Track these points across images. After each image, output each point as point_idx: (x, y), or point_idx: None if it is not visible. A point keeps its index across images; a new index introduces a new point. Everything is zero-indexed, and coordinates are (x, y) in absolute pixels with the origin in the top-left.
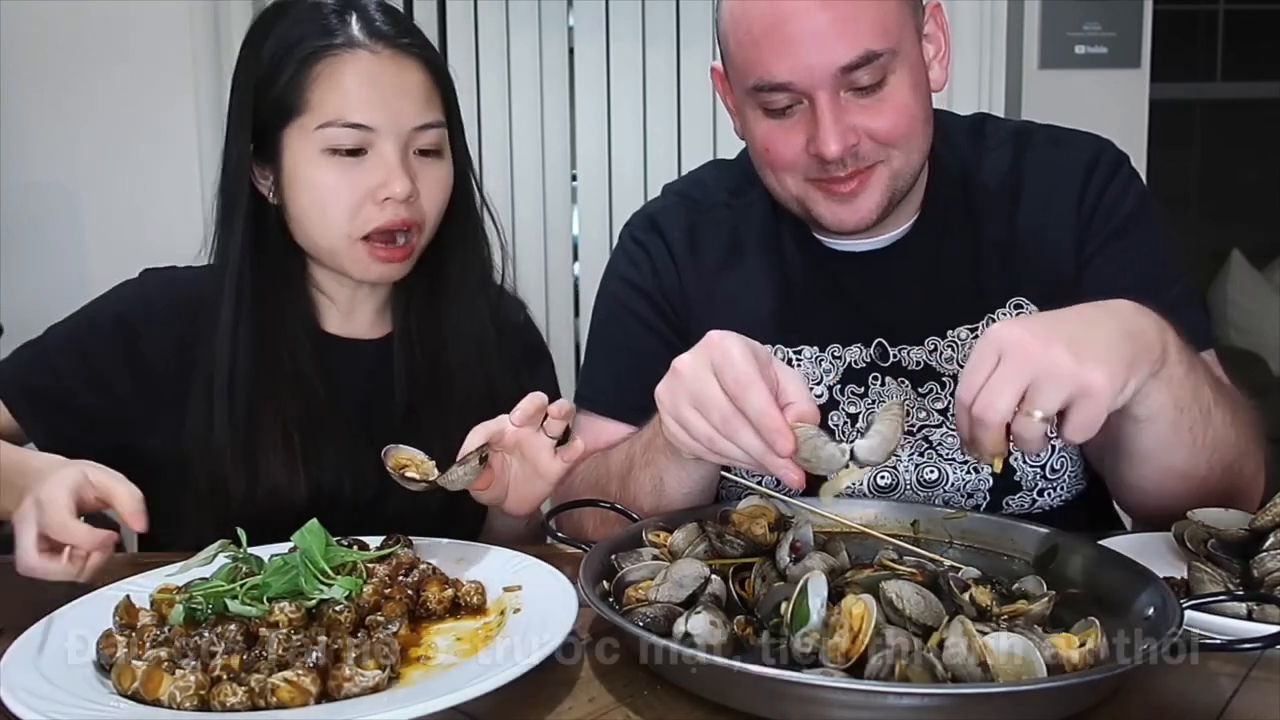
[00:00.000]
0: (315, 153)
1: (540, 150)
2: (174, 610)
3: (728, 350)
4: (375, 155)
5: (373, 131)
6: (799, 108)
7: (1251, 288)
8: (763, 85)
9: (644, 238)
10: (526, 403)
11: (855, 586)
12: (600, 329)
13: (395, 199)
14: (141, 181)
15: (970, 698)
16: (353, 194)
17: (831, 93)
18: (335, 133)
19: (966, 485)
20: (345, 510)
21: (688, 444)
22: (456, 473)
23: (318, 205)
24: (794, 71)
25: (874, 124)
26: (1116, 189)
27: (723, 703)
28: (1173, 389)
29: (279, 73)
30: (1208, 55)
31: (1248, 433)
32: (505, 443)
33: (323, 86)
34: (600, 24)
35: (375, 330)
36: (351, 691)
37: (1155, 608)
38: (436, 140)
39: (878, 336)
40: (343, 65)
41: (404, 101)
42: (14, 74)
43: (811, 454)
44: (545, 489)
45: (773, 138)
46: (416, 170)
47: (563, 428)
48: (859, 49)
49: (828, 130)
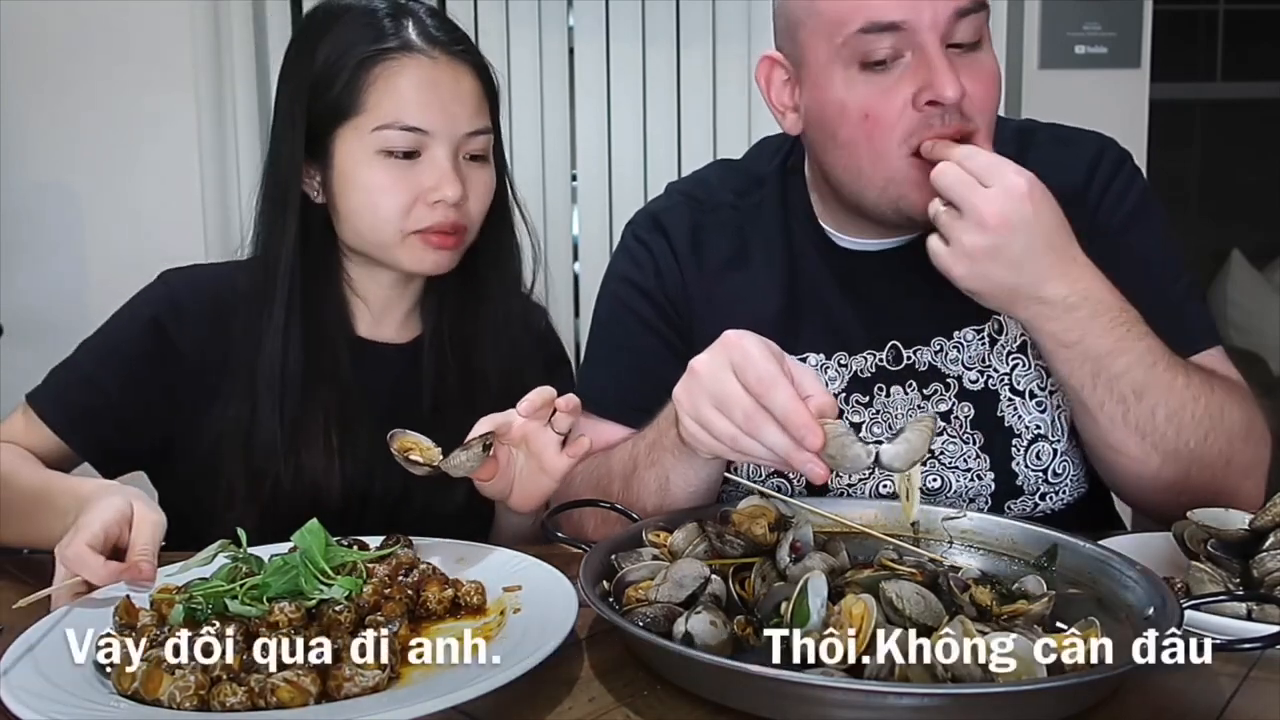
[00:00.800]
0: (370, 154)
1: (540, 150)
2: (174, 610)
3: (747, 349)
4: (428, 158)
5: (428, 135)
6: (899, 63)
7: (1251, 288)
8: (871, 26)
9: (647, 237)
10: (535, 395)
11: (855, 586)
12: (601, 329)
13: (446, 202)
14: (141, 181)
15: (970, 698)
16: (405, 195)
17: (941, 40)
18: (391, 135)
19: (969, 492)
20: (374, 507)
21: (709, 444)
22: (459, 457)
23: (370, 205)
24: (906, 9)
25: (973, 85)
26: (1119, 187)
27: (723, 703)
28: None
29: (335, 75)
30: (1208, 55)
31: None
32: (512, 436)
33: (380, 90)
34: (600, 24)
35: (403, 335)
36: (351, 691)
37: (1155, 608)
38: (485, 146)
39: (892, 338)
40: (400, 69)
41: (458, 107)
42: (14, 74)
43: (838, 451)
44: (550, 485)
45: (873, 101)
46: (466, 174)
47: (570, 423)
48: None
49: (944, 73)
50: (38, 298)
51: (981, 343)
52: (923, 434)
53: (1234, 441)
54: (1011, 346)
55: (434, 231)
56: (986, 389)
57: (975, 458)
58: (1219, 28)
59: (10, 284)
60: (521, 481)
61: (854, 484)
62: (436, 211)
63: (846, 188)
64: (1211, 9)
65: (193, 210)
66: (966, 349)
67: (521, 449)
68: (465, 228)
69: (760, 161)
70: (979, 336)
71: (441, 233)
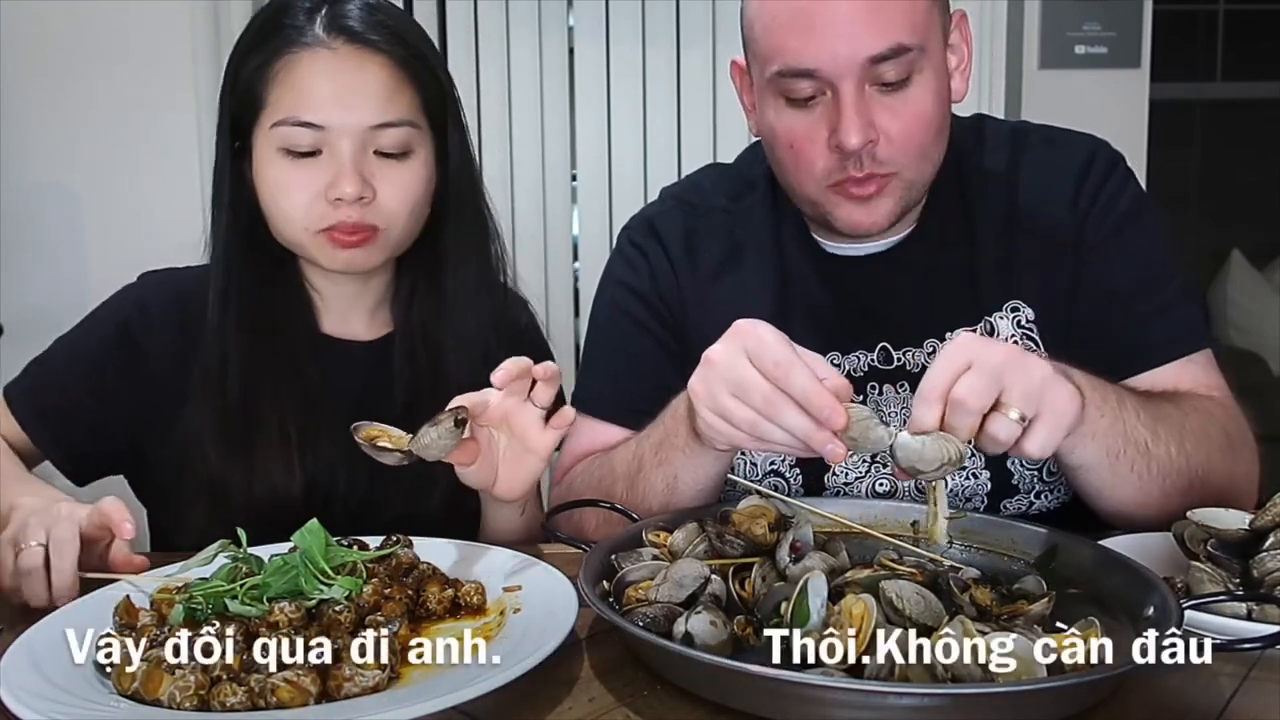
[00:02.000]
0: (273, 151)
1: (540, 150)
2: (174, 610)
3: (761, 335)
4: (329, 155)
5: (325, 130)
6: (822, 99)
7: (1251, 288)
8: (786, 71)
9: (641, 242)
10: (509, 364)
11: (855, 586)
12: (597, 333)
13: (346, 200)
14: (141, 181)
15: (970, 698)
16: (304, 193)
17: (857, 84)
18: (288, 131)
19: (965, 491)
20: (340, 508)
21: (728, 433)
22: (429, 435)
23: (274, 204)
24: (819, 58)
25: (893, 126)
26: (1112, 189)
27: (723, 703)
28: (1100, 440)
29: (245, 73)
30: (1208, 55)
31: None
32: (490, 416)
33: (279, 85)
34: (600, 24)
35: (371, 332)
36: (351, 691)
37: (1155, 608)
38: (400, 140)
39: (882, 340)
40: (297, 62)
41: (360, 99)
42: (14, 74)
43: (861, 434)
44: (537, 465)
45: (796, 133)
46: (375, 171)
47: (552, 394)
48: (889, 40)
49: (849, 120)
50: (38, 298)
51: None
52: (941, 449)
53: (1226, 455)
54: None
55: (338, 230)
56: None
57: (971, 457)
58: (1219, 28)
59: (10, 284)
60: (506, 465)
61: (850, 481)
62: (340, 210)
63: (787, 193)
64: (1211, 9)
65: (193, 210)
66: None
67: (503, 430)
68: (376, 226)
69: (752, 165)
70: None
71: (345, 232)
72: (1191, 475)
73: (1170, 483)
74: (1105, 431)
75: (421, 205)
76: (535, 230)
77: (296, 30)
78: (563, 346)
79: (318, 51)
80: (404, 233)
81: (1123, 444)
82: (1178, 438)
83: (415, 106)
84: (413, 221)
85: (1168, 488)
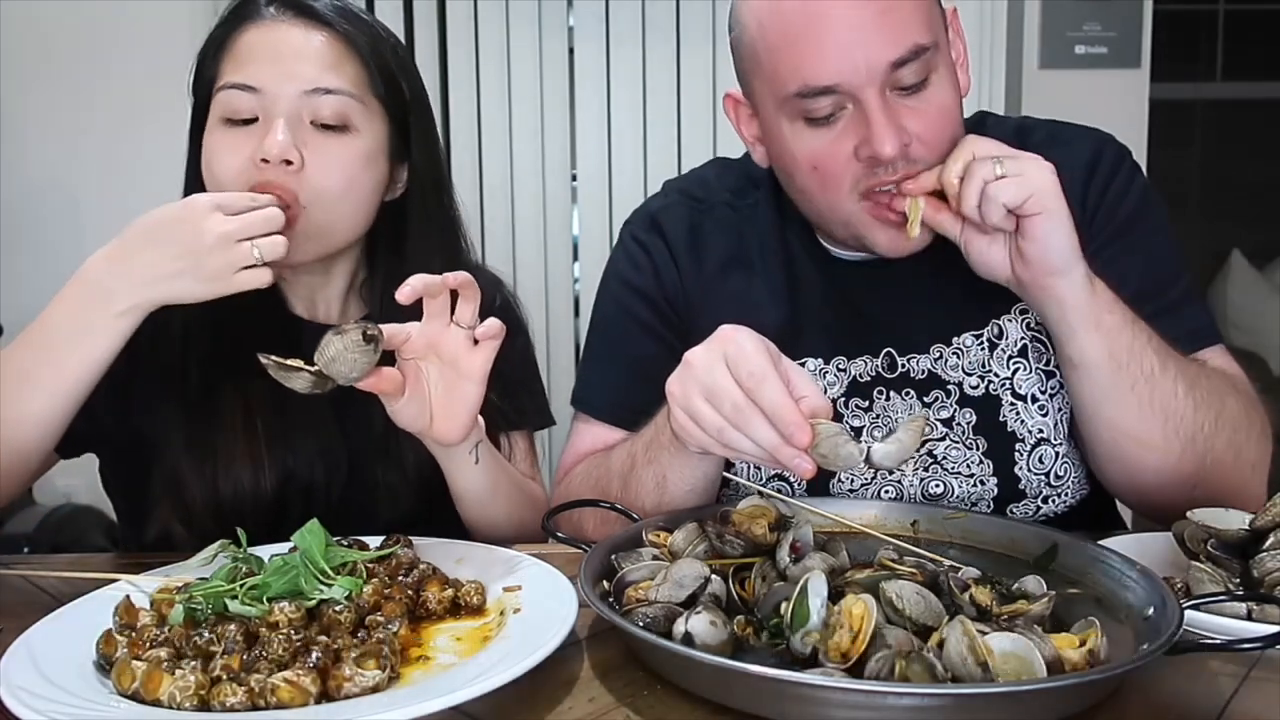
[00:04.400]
0: (215, 121)
1: (540, 150)
2: (174, 610)
3: (741, 343)
4: (265, 121)
5: (261, 94)
6: (843, 114)
7: (1251, 288)
8: (806, 91)
9: (645, 237)
10: (415, 280)
11: (855, 586)
12: (599, 331)
13: (271, 160)
14: (141, 181)
15: (970, 698)
16: (237, 157)
17: (879, 91)
18: (227, 95)
19: (971, 496)
20: (319, 500)
21: (696, 436)
22: (335, 344)
23: (209, 169)
24: (840, 72)
25: (920, 126)
26: (1119, 186)
27: (723, 703)
28: (1105, 337)
29: (205, 56)
30: (1208, 55)
31: (1223, 414)
32: (414, 346)
33: (227, 57)
34: (600, 24)
35: (346, 316)
36: (351, 691)
37: (1155, 608)
38: (338, 111)
39: (887, 346)
40: (242, 35)
41: (299, 65)
42: (14, 74)
43: (830, 451)
44: (474, 391)
45: (819, 153)
46: (308, 140)
47: (474, 308)
48: (908, 42)
49: (881, 130)
50: (38, 298)
51: (981, 348)
52: (914, 434)
53: (1239, 430)
54: (1012, 350)
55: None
56: (988, 394)
57: (978, 463)
58: (1219, 28)
59: (10, 284)
60: (440, 398)
61: (855, 489)
62: (264, 172)
63: (813, 220)
64: (1211, 9)
65: None
66: (966, 354)
67: (431, 361)
68: (296, 197)
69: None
70: (978, 342)
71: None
72: (1196, 430)
73: (1172, 427)
74: (1112, 330)
75: (359, 191)
76: (535, 230)
77: (253, 8)
78: (563, 346)
79: (262, 24)
80: (334, 218)
81: (1127, 356)
82: (1187, 383)
83: (360, 81)
84: (346, 206)
85: (1169, 432)
